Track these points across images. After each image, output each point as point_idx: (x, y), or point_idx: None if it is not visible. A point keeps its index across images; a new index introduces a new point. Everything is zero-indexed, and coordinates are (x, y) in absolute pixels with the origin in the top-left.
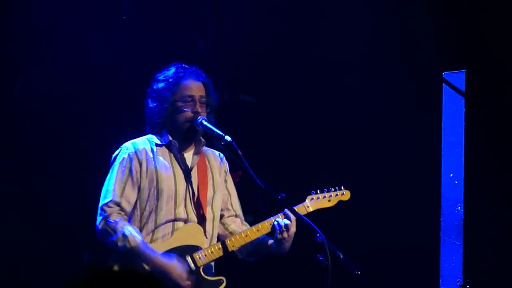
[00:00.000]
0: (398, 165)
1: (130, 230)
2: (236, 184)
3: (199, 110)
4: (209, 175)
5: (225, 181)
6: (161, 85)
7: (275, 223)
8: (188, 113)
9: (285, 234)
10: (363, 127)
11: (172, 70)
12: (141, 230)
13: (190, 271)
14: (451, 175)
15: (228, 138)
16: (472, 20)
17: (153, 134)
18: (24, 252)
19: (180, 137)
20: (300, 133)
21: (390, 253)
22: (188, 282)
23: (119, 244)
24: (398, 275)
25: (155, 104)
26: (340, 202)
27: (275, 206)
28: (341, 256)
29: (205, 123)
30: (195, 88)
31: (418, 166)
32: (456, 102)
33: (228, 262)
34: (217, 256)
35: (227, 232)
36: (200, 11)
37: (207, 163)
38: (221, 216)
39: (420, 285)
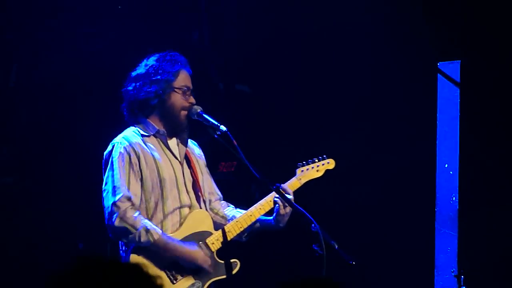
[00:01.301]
0: (393, 156)
1: (150, 224)
2: (230, 174)
3: (193, 101)
4: (193, 158)
5: (205, 165)
6: (159, 69)
7: (277, 199)
8: (185, 102)
9: (287, 209)
10: (358, 118)
11: (169, 56)
12: (150, 221)
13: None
14: (446, 166)
15: (223, 128)
16: (467, 10)
17: (135, 125)
18: (17, 241)
19: (170, 124)
20: (295, 122)
21: (385, 244)
22: (211, 268)
23: (143, 239)
24: (393, 265)
25: (153, 88)
26: (327, 171)
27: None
28: (336, 246)
29: (200, 113)
30: (189, 79)
31: (413, 156)
32: (451, 92)
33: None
34: (231, 237)
35: (218, 217)
36: (195, 0)
37: (188, 150)
38: (209, 201)
39: (415, 275)
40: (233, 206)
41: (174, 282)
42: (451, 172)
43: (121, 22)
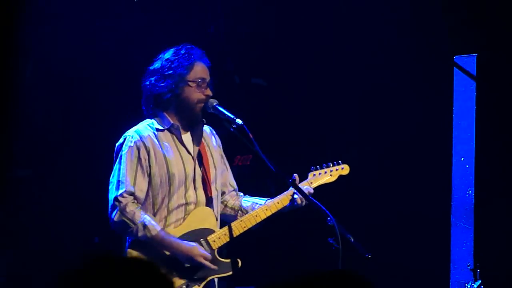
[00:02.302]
0: (410, 149)
1: (149, 219)
2: (246, 167)
3: (210, 93)
4: (208, 153)
5: (222, 156)
6: (174, 63)
7: (296, 196)
8: (200, 94)
9: (304, 203)
10: (375, 111)
11: (184, 50)
12: (154, 216)
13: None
14: (462, 159)
15: (239, 121)
16: (483, 4)
17: (152, 118)
18: (34, 235)
19: (183, 118)
20: (312, 115)
21: (401, 237)
22: (211, 264)
23: (139, 234)
24: (409, 259)
25: (168, 82)
26: (340, 176)
27: (286, 189)
28: (352, 240)
29: (218, 107)
30: (205, 71)
31: (429, 150)
32: (467, 86)
33: (237, 245)
34: (233, 236)
35: (227, 208)
36: None
37: (203, 141)
38: (222, 193)
39: (431, 269)
40: (248, 196)
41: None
42: (467, 166)
43: (137, 16)
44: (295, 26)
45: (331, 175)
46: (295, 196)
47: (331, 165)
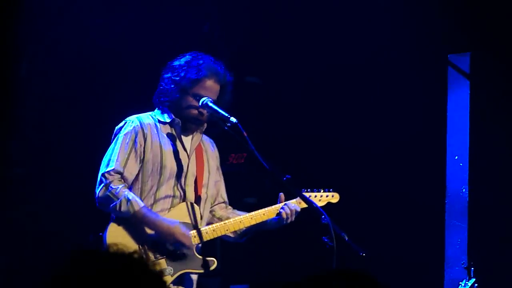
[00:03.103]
0: (404, 148)
1: (133, 195)
2: (240, 166)
3: (204, 112)
4: (205, 157)
5: (218, 167)
6: (185, 71)
7: (282, 210)
8: (195, 111)
9: (289, 220)
10: (369, 110)
11: (201, 62)
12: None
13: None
14: (456, 158)
15: (233, 119)
16: (477, 2)
17: (158, 109)
18: (28, 233)
19: (182, 119)
20: (306, 114)
21: (395, 236)
22: (191, 243)
23: (123, 209)
24: (403, 257)
25: (170, 87)
26: (329, 203)
27: (280, 188)
28: (346, 238)
29: (210, 104)
30: (210, 90)
31: (423, 148)
32: (461, 85)
33: (230, 245)
34: (215, 235)
35: (215, 218)
36: None
37: (202, 146)
38: (213, 203)
39: (425, 267)
40: (236, 210)
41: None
42: (461, 164)
43: (132, 14)
44: (289, 25)
45: (320, 200)
46: (281, 210)
47: (322, 191)
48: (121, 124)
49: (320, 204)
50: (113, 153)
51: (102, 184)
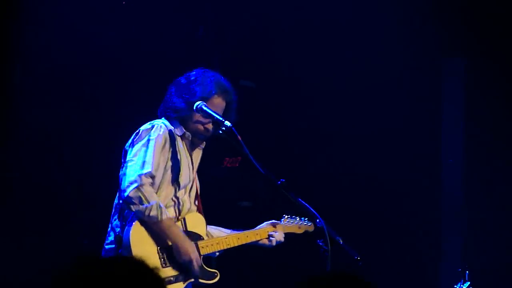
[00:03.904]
0: (398, 152)
1: (163, 205)
2: (235, 170)
3: (209, 128)
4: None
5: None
6: (194, 88)
7: (272, 234)
8: (201, 127)
9: (275, 244)
10: (363, 113)
11: (211, 79)
12: None
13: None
14: (450, 161)
15: (228, 123)
16: (471, 8)
17: (166, 119)
18: (22, 238)
19: (189, 133)
20: (300, 117)
21: (391, 238)
22: (197, 269)
23: (152, 213)
24: (399, 260)
25: (178, 102)
26: (306, 231)
27: (275, 192)
28: (341, 242)
29: (204, 108)
30: (218, 107)
31: (419, 152)
32: (456, 88)
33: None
34: (219, 248)
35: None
36: None
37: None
38: None
39: (421, 270)
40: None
41: (164, 266)
42: (455, 167)
43: (126, 18)
44: (283, 28)
45: (299, 227)
46: (271, 238)
47: (302, 220)
48: (147, 126)
49: (299, 231)
50: (147, 155)
51: (136, 184)
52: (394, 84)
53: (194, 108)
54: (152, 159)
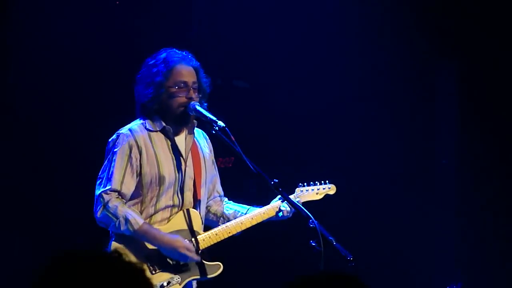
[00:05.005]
0: (393, 153)
1: (131, 213)
2: (228, 169)
3: (192, 95)
4: (200, 154)
5: (213, 161)
6: (153, 70)
7: (283, 208)
8: (182, 98)
9: (290, 214)
10: (358, 117)
11: (163, 55)
12: (140, 213)
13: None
14: (444, 162)
15: (221, 123)
16: (464, 12)
17: (144, 119)
18: (19, 238)
19: (173, 122)
20: (294, 117)
21: (384, 240)
22: (195, 255)
23: (122, 228)
24: (393, 262)
25: (149, 90)
26: (327, 195)
27: (268, 192)
28: (334, 242)
29: (198, 108)
30: (187, 73)
31: (413, 153)
32: (449, 89)
33: (218, 248)
34: (217, 240)
35: (210, 214)
36: None
37: (196, 142)
38: (208, 198)
39: (415, 271)
40: (231, 202)
41: (153, 272)
42: (449, 167)
43: (118, 18)
44: (277, 28)
45: (317, 193)
46: (282, 208)
47: (318, 184)
48: (113, 137)
49: (318, 197)
50: (109, 171)
51: (100, 205)
52: (387, 86)
53: (187, 109)
54: (113, 174)
